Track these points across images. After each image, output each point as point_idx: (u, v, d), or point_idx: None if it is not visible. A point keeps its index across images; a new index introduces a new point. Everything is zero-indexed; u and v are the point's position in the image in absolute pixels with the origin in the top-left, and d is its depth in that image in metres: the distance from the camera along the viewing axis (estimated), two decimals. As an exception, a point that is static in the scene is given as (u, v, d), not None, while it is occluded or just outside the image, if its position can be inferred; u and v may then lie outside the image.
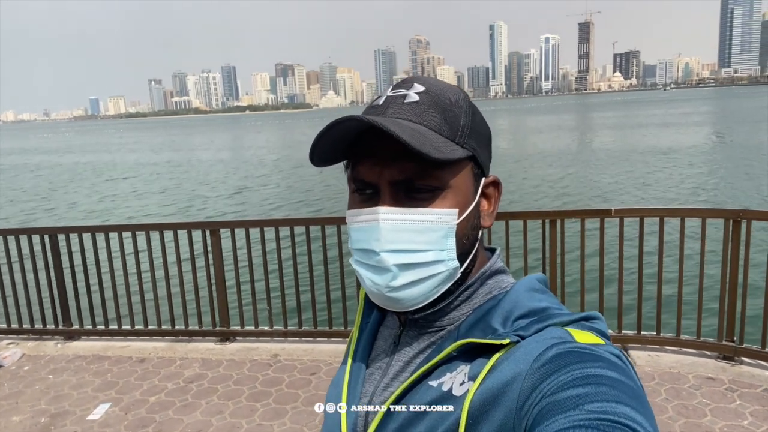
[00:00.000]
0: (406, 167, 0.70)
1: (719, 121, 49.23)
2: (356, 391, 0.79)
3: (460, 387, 0.67)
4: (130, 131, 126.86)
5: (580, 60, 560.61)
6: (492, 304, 0.75)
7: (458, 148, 0.72)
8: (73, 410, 4.00)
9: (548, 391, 0.58)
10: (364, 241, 0.72)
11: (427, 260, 0.71)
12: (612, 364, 0.60)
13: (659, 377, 3.85)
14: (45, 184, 26.95)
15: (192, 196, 20.64)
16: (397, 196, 0.71)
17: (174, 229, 4.95)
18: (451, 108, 0.73)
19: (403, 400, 0.72)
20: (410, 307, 0.73)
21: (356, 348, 0.85)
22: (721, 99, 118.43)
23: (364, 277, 0.73)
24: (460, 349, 0.70)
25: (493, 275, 0.79)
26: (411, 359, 0.77)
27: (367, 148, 0.72)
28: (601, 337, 0.66)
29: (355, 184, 0.75)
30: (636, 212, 4.11)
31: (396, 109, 0.72)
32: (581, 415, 0.53)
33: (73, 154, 51.52)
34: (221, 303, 4.91)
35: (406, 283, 0.71)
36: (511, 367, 0.64)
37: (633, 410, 0.54)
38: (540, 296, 0.74)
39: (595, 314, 0.71)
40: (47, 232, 5.14)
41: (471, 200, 0.75)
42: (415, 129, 0.69)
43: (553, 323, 0.68)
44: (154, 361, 4.73)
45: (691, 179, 18.20)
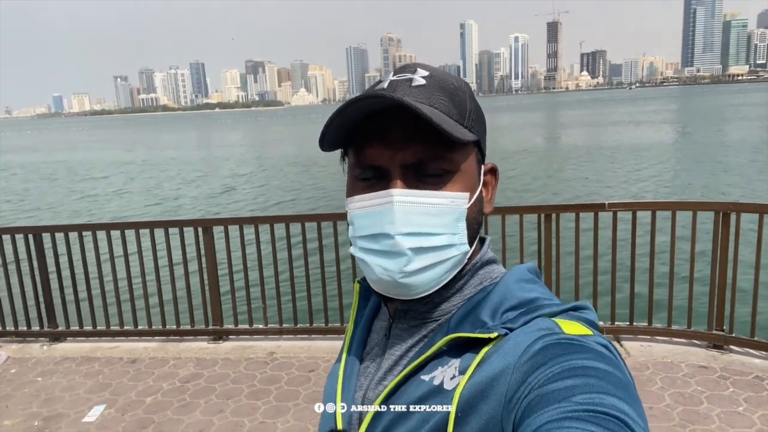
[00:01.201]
0: (418, 149, 0.69)
1: (687, 118, 50.53)
2: (351, 384, 0.79)
3: (450, 381, 0.67)
4: (97, 129, 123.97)
5: (548, 59, 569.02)
6: (482, 296, 0.74)
7: (468, 132, 0.72)
8: (66, 413, 3.90)
9: (536, 383, 0.58)
10: (375, 225, 0.70)
11: (441, 244, 0.70)
12: (600, 355, 0.60)
13: (653, 366, 3.95)
14: (19, 184, 25.92)
15: (177, 194, 20.18)
16: (408, 179, 0.70)
17: (165, 226, 4.87)
18: (457, 92, 0.73)
19: (396, 393, 0.72)
20: (420, 294, 0.72)
21: (351, 342, 0.85)
22: (685, 97, 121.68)
23: (373, 264, 0.71)
24: (451, 343, 0.70)
25: (484, 266, 0.78)
26: (404, 353, 0.77)
27: (376, 130, 0.71)
28: (589, 327, 0.66)
29: (361, 169, 0.73)
30: (629, 206, 4.22)
31: (404, 91, 0.70)
32: (570, 407, 0.53)
33: (42, 152, 49.97)
34: (214, 301, 4.85)
35: (420, 267, 0.70)
36: (499, 361, 0.64)
37: (621, 401, 0.54)
38: (530, 286, 0.73)
39: (584, 304, 0.71)
40: (31, 232, 5.00)
41: (477, 185, 0.75)
42: (431, 110, 0.68)
43: (542, 314, 0.67)
44: (146, 361, 4.64)
45: (668, 174, 18.76)
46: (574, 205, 4.21)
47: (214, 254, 4.79)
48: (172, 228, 4.86)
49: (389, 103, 0.67)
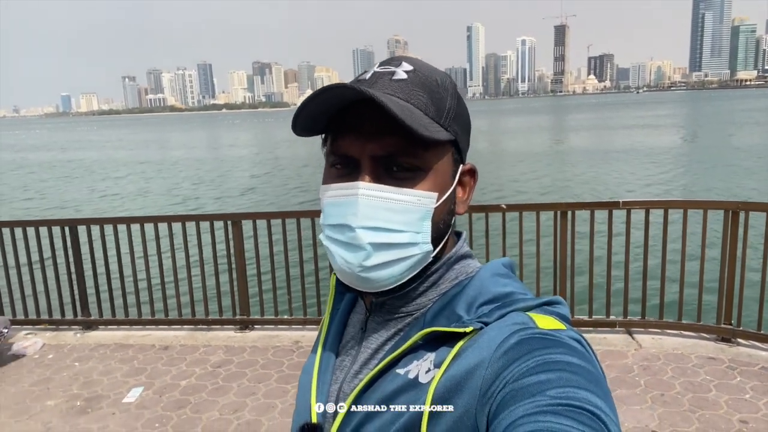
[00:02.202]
0: (389, 143, 0.69)
1: (696, 123, 50.57)
2: (326, 378, 0.79)
3: (425, 374, 0.67)
4: (106, 129, 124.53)
5: (555, 62, 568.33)
6: (457, 290, 0.75)
7: (443, 131, 0.71)
8: (106, 394, 4.13)
9: (511, 378, 0.59)
10: (340, 215, 0.71)
11: (402, 241, 0.70)
12: (573, 349, 0.61)
13: (664, 357, 4.14)
14: (37, 183, 26.10)
15: (197, 194, 20.23)
16: (377, 172, 0.70)
17: (197, 220, 5.10)
18: (438, 90, 0.73)
19: (372, 387, 0.72)
20: (380, 288, 0.72)
21: (327, 335, 0.85)
22: (693, 102, 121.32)
23: (336, 254, 0.72)
24: (426, 337, 0.70)
25: (459, 260, 0.79)
26: (379, 347, 0.77)
27: (351, 121, 0.71)
28: (562, 322, 0.67)
29: (335, 158, 0.73)
30: (642, 204, 4.40)
31: (383, 84, 0.71)
32: (544, 401, 0.54)
33: (55, 151, 50.23)
34: (242, 292, 5.07)
35: (379, 263, 0.70)
36: (474, 355, 0.64)
37: (593, 395, 0.55)
38: (504, 281, 0.74)
39: (557, 299, 0.72)
40: (67, 224, 5.23)
41: (449, 185, 0.75)
42: (403, 105, 0.68)
43: (516, 309, 0.68)
44: (177, 348, 4.86)
45: (679, 176, 18.96)
46: (589, 203, 4.41)
47: (243, 247, 5.01)
48: (203, 222, 5.08)
49: (357, 95, 0.67)
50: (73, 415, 3.86)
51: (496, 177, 20.02)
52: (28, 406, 4.03)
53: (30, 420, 3.83)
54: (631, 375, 3.91)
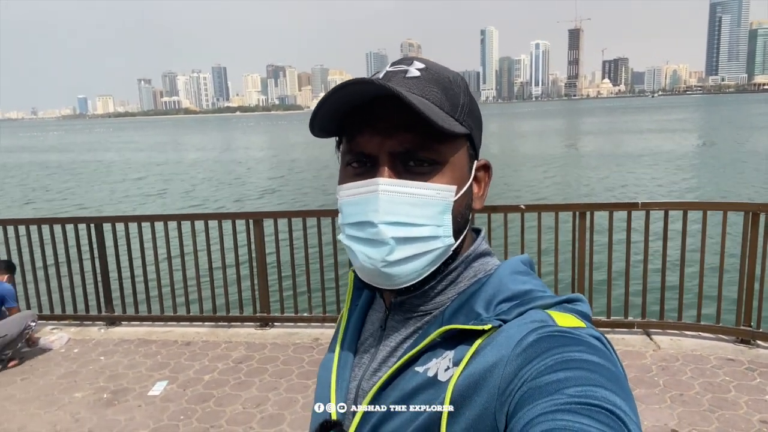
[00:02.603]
0: (407, 138, 0.69)
1: (714, 127, 49.85)
2: (345, 375, 0.79)
3: (445, 372, 0.67)
4: (122, 131, 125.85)
5: (569, 66, 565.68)
6: (476, 287, 0.75)
7: (458, 125, 0.72)
8: (132, 387, 4.22)
9: (529, 376, 0.59)
10: (360, 213, 0.71)
11: (425, 235, 0.71)
12: (593, 348, 0.60)
13: (683, 359, 4.15)
14: (59, 183, 26.34)
15: (216, 196, 20.28)
16: (396, 168, 0.71)
17: (219, 219, 5.19)
18: (451, 86, 0.74)
19: (391, 385, 0.72)
20: (401, 284, 0.72)
21: (345, 331, 0.85)
22: (710, 106, 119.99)
23: (358, 251, 0.72)
24: (445, 335, 0.70)
25: (477, 258, 0.78)
26: (398, 345, 0.77)
27: (367, 118, 0.71)
28: (582, 320, 0.66)
29: (352, 156, 0.74)
30: (661, 205, 4.42)
31: (398, 82, 0.72)
32: (562, 399, 0.54)
33: (75, 153, 50.60)
34: (262, 290, 5.15)
35: (402, 258, 0.70)
36: (493, 353, 0.64)
37: (612, 394, 0.54)
38: (524, 278, 0.74)
39: (578, 296, 0.71)
40: (93, 221, 5.36)
41: (467, 179, 0.75)
42: (420, 100, 0.69)
43: (535, 306, 0.68)
44: (199, 344, 4.96)
45: (697, 178, 18.91)
46: (608, 203, 4.44)
47: (264, 245, 5.09)
48: (225, 220, 5.17)
49: (377, 90, 0.68)
50: (100, 407, 3.96)
51: (514, 179, 20.02)
52: (57, 397, 4.14)
53: (59, 411, 3.94)
54: (649, 375, 3.93)
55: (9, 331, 4.60)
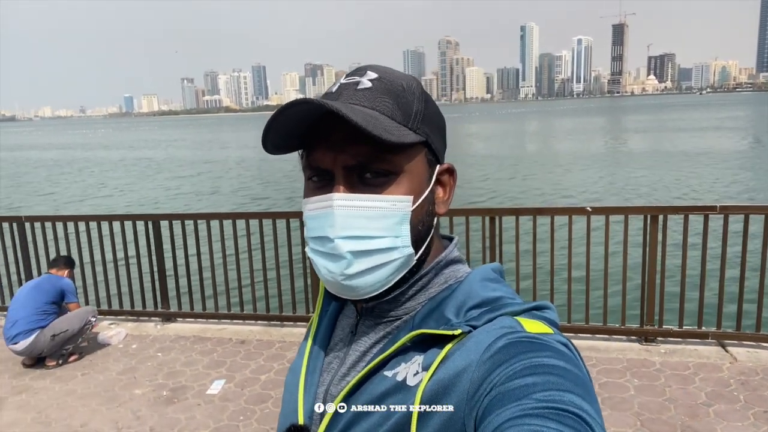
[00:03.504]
0: (359, 151, 0.70)
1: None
2: (314, 379, 0.79)
3: (413, 377, 0.68)
4: (167, 128, 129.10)
5: (613, 62, 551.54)
6: (447, 293, 0.75)
7: (411, 133, 0.72)
8: (190, 385, 4.23)
9: (498, 381, 0.59)
10: (319, 228, 0.72)
11: (382, 247, 0.71)
12: (559, 353, 0.61)
13: (763, 372, 3.89)
14: (113, 180, 26.90)
15: (266, 194, 20.30)
16: (351, 181, 0.71)
17: (273, 218, 5.16)
18: (404, 94, 0.74)
19: (359, 390, 0.72)
20: (366, 294, 0.73)
21: (315, 336, 0.85)
22: (763, 104, 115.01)
23: (320, 265, 0.73)
24: (414, 339, 0.70)
25: (449, 264, 0.79)
26: (367, 349, 0.77)
27: (321, 134, 0.72)
28: (550, 326, 0.67)
29: (310, 171, 0.75)
30: (741, 209, 4.16)
31: (349, 95, 0.72)
32: (530, 404, 0.54)
33: (125, 150, 51.90)
34: (315, 289, 5.10)
35: (361, 270, 0.71)
36: (462, 358, 0.65)
37: (579, 398, 0.55)
38: (494, 285, 0.74)
39: (546, 304, 0.72)
40: (151, 219, 5.42)
41: (425, 187, 0.75)
42: (367, 113, 0.69)
43: (504, 313, 0.69)
44: (254, 343, 4.95)
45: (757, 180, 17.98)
46: (683, 207, 4.19)
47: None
48: (279, 219, 5.14)
49: (318, 109, 0.69)
50: (160, 405, 3.97)
51: (564, 179, 19.55)
52: (117, 394, 4.18)
53: (120, 408, 3.97)
54: (728, 390, 3.70)
55: (71, 326, 4.68)
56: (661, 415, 3.47)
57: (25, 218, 5.74)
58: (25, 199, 20.95)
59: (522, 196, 16.81)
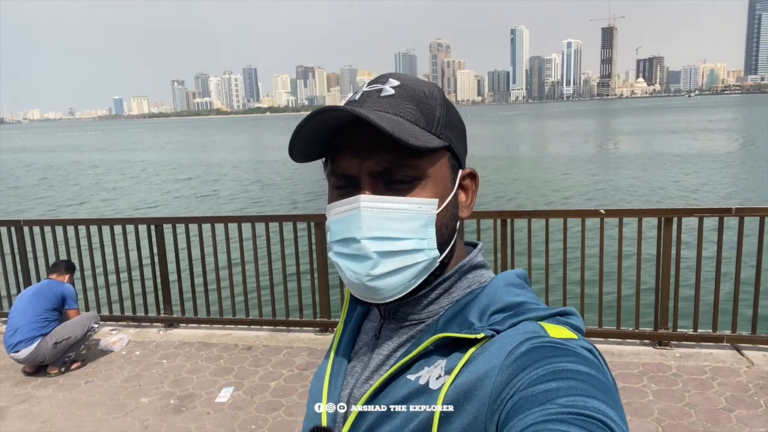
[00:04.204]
0: (384, 158, 0.71)
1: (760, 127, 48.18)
2: (337, 383, 0.80)
3: (436, 381, 0.68)
4: (158, 131, 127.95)
5: (602, 65, 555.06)
6: (470, 298, 0.76)
7: (435, 138, 0.73)
8: (198, 393, 4.13)
9: (521, 385, 0.59)
10: (345, 230, 0.73)
11: (408, 248, 0.72)
12: (583, 359, 0.61)
13: (781, 376, 3.85)
14: (110, 184, 26.37)
15: (269, 195, 20.13)
16: (377, 186, 0.72)
17: (279, 221, 5.06)
18: (426, 100, 0.74)
19: (382, 393, 0.72)
20: (389, 298, 0.73)
21: (340, 341, 0.86)
22: (752, 106, 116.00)
23: (344, 267, 0.73)
24: (437, 343, 0.71)
25: (472, 269, 0.80)
26: (391, 353, 0.78)
27: (346, 141, 0.73)
28: (574, 332, 0.67)
29: (335, 178, 0.75)
30: (757, 211, 4.12)
31: (372, 102, 0.73)
32: (553, 409, 0.54)
33: (118, 152, 51.36)
34: (323, 294, 5.02)
35: (387, 271, 0.71)
36: (485, 362, 0.64)
37: (603, 404, 0.55)
38: (518, 291, 0.74)
39: (571, 310, 0.72)
40: (153, 222, 5.31)
41: (450, 190, 0.76)
42: (393, 119, 0.70)
43: (528, 318, 0.69)
44: (260, 349, 4.85)
45: None
46: (698, 209, 4.13)
47: (325, 248, 4.94)
48: (286, 222, 5.05)
49: (347, 116, 0.69)
50: (168, 414, 3.87)
51: (558, 182, 19.57)
52: (123, 402, 4.07)
53: (127, 417, 3.86)
54: (748, 394, 3.65)
55: (73, 333, 4.56)
56: (682, 421, 3.41)
57: (24, 222, 5.61)
58: (21, 203, 20.54)
59: (528, 198, 16.78)
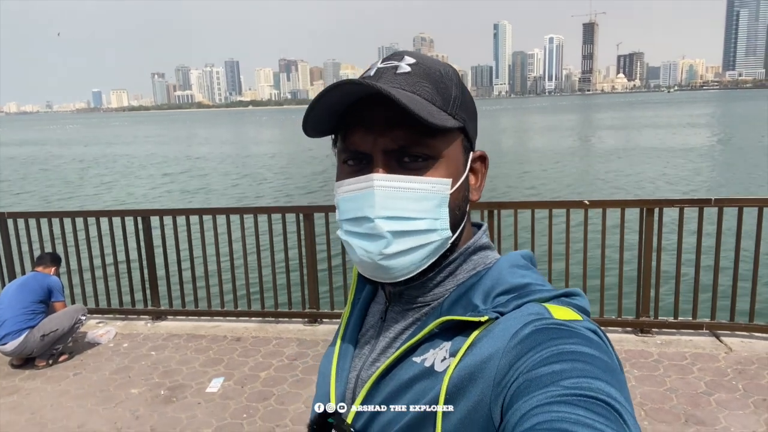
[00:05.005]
0: (399, 135, 0.70)
1: (737, 122, 49.00)
2: (345, 365, 0.80)
3: (441, 363, 0.68)
4: (140, 124, 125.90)
5: (583, 60, 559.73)
6: (475, 280, 0.75)
7: (450, 118, 0.72)
8: (188, 384, 4.14)
9: (525, 368, 0.59)
10: (357, 209, 0.72)
11: (421, 228, 0.71)
12: (588, 340, 0.61)
13: (758, 361, 3.98)
14: (96, 178, 25.92)
15: (260, 190, 19.89)
16: (390, 164, 0.71)
17: (268, 212, 5.08)
18: (442, 80, 0.74)
19: (389, 375, 0.73)
20: (400, 277, 0.73)
21: (348, 323, 0.86)
22: (729, 101, 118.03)
23: (356, 246, 0.72)
24: (442, 326, 0.70)
25: (477, 251, 0.79)
26: (397, 335, 0.78)
27: (360, 117, 0.72)
28: (579, 313, 0.67)
29: (347, 154, 0.74)
30: (735, 201, 4.24)
31: (388, 79, 0.72)
32: (558, 391, 0.54)
33: (101, 146, 50.29)
34: (311, 286, 5.05)
35: (400, 251, 0.71)
36: (489, 344, 0.64)
37: (608, 384, 0.55)
38: (523, 272, 0.74)
39: (576, 291, 0.72)
40: (140, 214, 5.29)
41: (462, 172, 0.76)
42: (410, 96, 0.69)
43: (533, 299, 0.68)
44: (249, 340, 4.87)
45: None
46: (678, 200, 4.25)
47: (314, 240, 4.99)
48: (275, 214, 5.06)
49: (366, 90, 0.68)
50: (159, 404, 3.88)
51: (551, 174, 19.74)
52: (113, 393, 4.07)
53: (117, 408, 3.86)
54: (726, 379, 3.77)
55: (60, 326, 4.54)
56: (663, 405, 3.52)
57: (8, 214, 5.54)
58: (4, 197, 20.05)
59: (515, 190, 16.96)
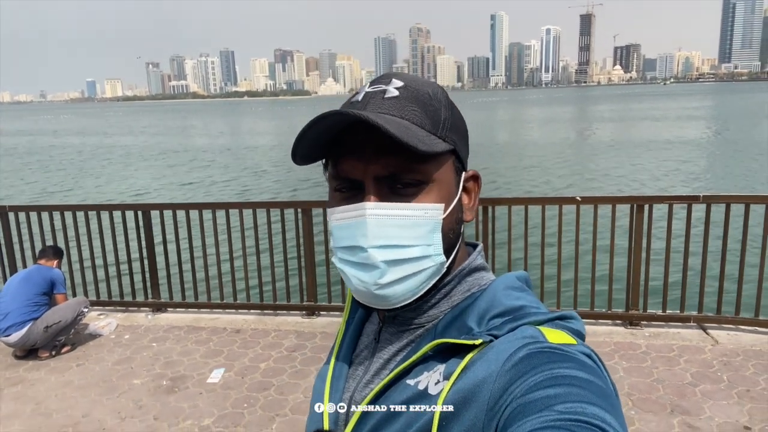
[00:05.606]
0: (390, 162, 0.70)
1: (733, 115, 49.12)
2: (339, 386, 0.80)
3: (435, 386, 0.68)
4: (134, 114, 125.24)
5: (580, 52, 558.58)
6: (469, 301, 0.75)
7: (441, 142, 0.72)
8: (190, 374, 4.25)
9: (519, 392, 0.58)
10: (350, 237, 0.71)
11: (415, 255, 0.71)
12: (582, 364, 0.60)
13: (743, 354, 4.11)
14: (96, 169, 25.70)
15: (260, 183, 19.83)
16: (382, 191, 0.71)
17: (267, 207, 5.18)
18: (431, 102, 0.73)
19: (382, 397, 0.72)
20: (397, 304, 0.73)
21: (342, 343, 0.86)
22: (725, 94, 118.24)
23: (351, 275, 0.73)
24: (436, 348, 0.70)
25: (472, 272, 0.79)
26: (391, 357, 0.78)
27: (350, 144, 0.71)
28: (574, 337, 0.67)
29: (338, 182, 0.74)
30: (723, 198, 4.36)
31: (376, 104, 0.72)
32: (551, 416, 0.54)
33: (99, 136, 50.06)
34: (309, 279, 5.15)
35: (394, 279, 0.71)
36: (483, 368, 0.64)
37: (602, 410, 0.54)
38: (517, 294, 0.74)
39: (571, 314, 0.72)
40: (141, 208, 5.36)
41: (454, 194, 0.75)
42: (399, 123, 0.69)
43: (527, 322, 0.68)
44: (249, 332, 4.97)
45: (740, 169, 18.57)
46: (668, 196, 4.37)
47: (312, 234, 5.08)
48: (274, 209, 5.15)
49: (353, 120, 0.67)
50: (161, 394, 3.98)
51: (545, 169, 19.82)
52: (116, 384, 4.17)
53: (120, 398, 3.97)
54: (712, 370, 3.90)
55: (63, 317, 4.63)
56: (650, 395, 3.65)
57: (9, 208, 5.61)
58: (4, 190, 19.92)
59: (510, 184, 17.01)
